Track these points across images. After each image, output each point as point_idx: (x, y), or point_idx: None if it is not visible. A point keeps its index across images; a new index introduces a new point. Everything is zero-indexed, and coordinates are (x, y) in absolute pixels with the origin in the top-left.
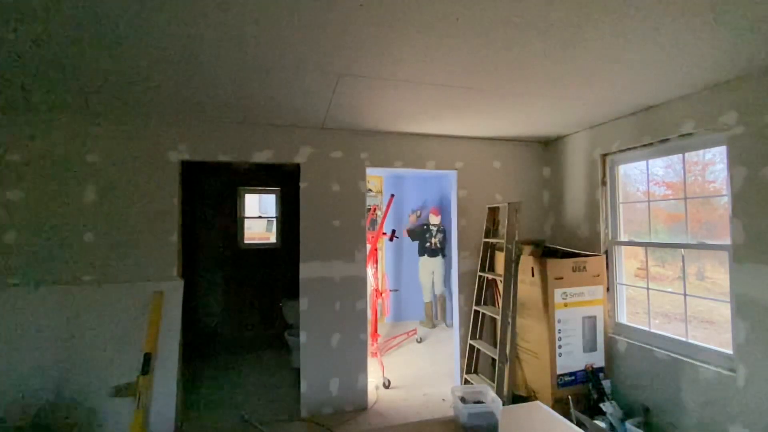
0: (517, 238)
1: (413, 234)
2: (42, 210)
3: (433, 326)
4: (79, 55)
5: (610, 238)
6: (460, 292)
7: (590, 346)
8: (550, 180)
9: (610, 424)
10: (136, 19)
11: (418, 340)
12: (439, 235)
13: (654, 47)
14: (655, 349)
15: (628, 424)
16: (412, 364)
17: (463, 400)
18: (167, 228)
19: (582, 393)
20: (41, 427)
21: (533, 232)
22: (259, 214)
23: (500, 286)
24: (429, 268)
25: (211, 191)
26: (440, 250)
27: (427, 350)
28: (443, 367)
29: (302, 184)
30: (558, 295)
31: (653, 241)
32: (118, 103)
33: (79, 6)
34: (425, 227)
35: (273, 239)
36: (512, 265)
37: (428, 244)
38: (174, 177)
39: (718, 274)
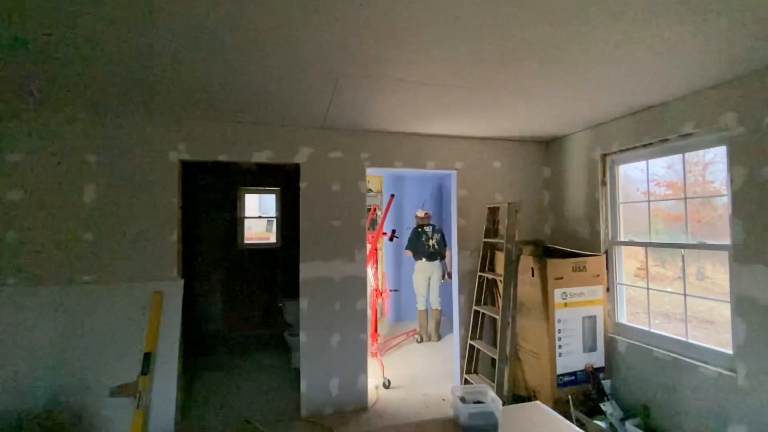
0: (517, 238)
1: (410, 245)
2: (42, 210)
3: (420, 340)
4: (79, 55)
5: (610, 238)
6: (460, 292)
7: (590, 346)
8: (550, 180)
9: (610, 424)
10: (134, 20)
11: (418, 340)
12: (436, 236)
13: (654, 47)
14: (655, 349)
15: (628, 424)
16: (412, 364)
17: (463, 400)
18: (167, 228)
19: (582, 393)
20: (41, 428)
21: (533, 232)
22: (259, 214)
23: (500, 286)
24: (426, 272)
25: (211, 191)
26: (439, 253)
27: (427, 350)
28: (443, 367)
29: (302, 184)
30: (558, 295)
31: (653, 241)
32: (118, 103)
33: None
34: (418, 231)
35: (273, 239)
36: (512, 265)
37: (426, 246)
38: (174, 177)
39: (718, 274)
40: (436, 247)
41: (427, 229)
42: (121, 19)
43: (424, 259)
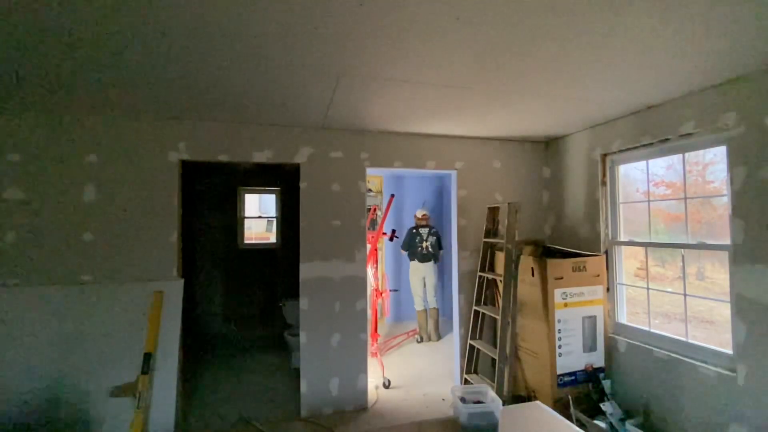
0: (517, 238)
1: (405, 245)
2: (42, 210)
3: (420, 340)
4: (77, 54)
5: (610, 238)
6: (460, 292)
7: (590, 346)
8: (550, 180)
9: (610, 424)
10: (136, 19)
11: (418, 340)
12: (431, 239)
13: (654, 47)
14: (655, 349)
15: (628, 424)
16: (412, 364)
17: (463, 400)
18: (167, 228)
19: (582, 393)
20: (41, 428)
21: (533, 232)
22: (259, 214)
23: (500, 286)
24: (420, 274)
25: (211, 191)
26: (432, 255)
27: (427, 350)
28: (443, 367)
29: (302, 184)
30: (558, 295)
31: (653, 241)
32: (117, 103)
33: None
34: (413, 232)
35: (273, 239)
36: (512, 265)
37: (419, 248)
38: (174, 177)
39: (718, 274)
40: (429, 249)
41: (423, 231)
42: (120, 21)
43: (416, 261)
